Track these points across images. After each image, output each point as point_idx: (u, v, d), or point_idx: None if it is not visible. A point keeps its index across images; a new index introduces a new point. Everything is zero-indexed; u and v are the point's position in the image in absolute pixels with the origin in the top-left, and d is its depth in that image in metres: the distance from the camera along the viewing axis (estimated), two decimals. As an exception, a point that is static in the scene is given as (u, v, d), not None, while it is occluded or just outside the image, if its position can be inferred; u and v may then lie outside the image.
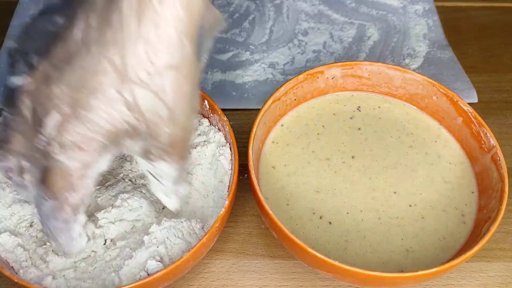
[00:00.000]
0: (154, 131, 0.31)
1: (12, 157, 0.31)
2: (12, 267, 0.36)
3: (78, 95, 0.29)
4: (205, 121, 0.44)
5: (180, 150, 0.33)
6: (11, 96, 0.31)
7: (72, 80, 0.29)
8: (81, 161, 0.30)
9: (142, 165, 0.34)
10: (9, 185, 0.39)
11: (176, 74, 0.30)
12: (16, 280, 0.33)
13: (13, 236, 0.37)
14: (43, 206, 0.32)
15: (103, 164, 0.32)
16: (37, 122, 0.30)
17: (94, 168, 0.31)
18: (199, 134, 0.43)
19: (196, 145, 0.42)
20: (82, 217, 0.33)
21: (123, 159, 0.43)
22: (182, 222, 0.38)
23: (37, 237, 0.38)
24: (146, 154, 0.32)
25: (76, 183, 0.31)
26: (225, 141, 0.42)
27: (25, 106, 0.30)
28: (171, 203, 0.36)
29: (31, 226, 0.39)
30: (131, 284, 0.33)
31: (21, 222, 0.39)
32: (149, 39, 0.28)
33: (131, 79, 0.28)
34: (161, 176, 0.34)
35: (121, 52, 0.28)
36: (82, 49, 0.29)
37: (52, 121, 0.29)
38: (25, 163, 0.31)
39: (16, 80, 0.30)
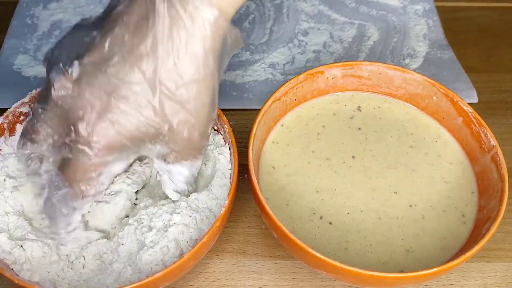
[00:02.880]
0: (175, 136, 0.34)
1: (36, 146, 0.34)
2: (12, 268, 0.36)
3: (109, 100, 0.31)
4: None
5: (195, 153, 0.36)
6: (46, 93, 0.33)
7: (104, 86, 0.31)
8: (103, 158, 0.33)
9: (157, 165, 0.37)
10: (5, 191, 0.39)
11: (200, 87, 0.33)
12: (16, 282, 0.33)
13: (10, 237, 0.37)
14: (57, 192, 0.34)
15: (121, 165, 0.35)
16: (69, 121, 0.32)
17: (112, 167, 0.34)
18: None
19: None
20: (86, 207, 0.36)
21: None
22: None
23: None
24: (164, 157, 0.36)
25: (93, 178, 0.34)
26: (224, 142, 0.42)
27: (59, 105, 0.33)
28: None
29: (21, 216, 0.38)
30: (131, 284, 0.33)
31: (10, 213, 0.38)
32: (179, 55, 0.31)
33: (160, 90, 0.31)
34: (174, 176, 0.37)
35: (154, 65, 0.31)
36: (115, 59, 0.31)
37: (83, 122, 0.32)
38: (46, 153, 0.34)
39: (53, 81, 0.33)
